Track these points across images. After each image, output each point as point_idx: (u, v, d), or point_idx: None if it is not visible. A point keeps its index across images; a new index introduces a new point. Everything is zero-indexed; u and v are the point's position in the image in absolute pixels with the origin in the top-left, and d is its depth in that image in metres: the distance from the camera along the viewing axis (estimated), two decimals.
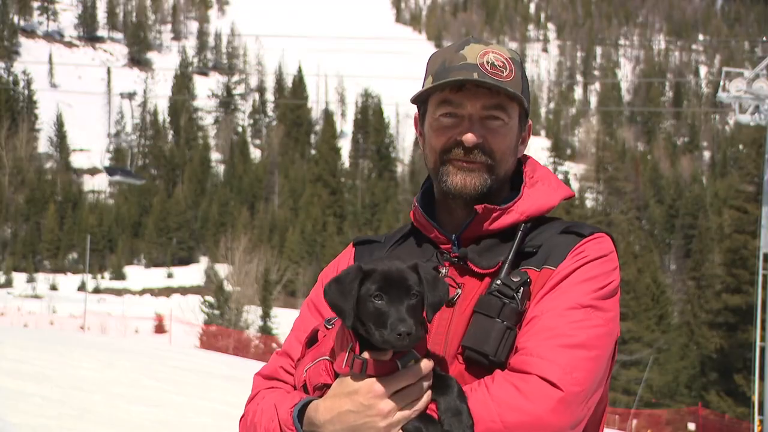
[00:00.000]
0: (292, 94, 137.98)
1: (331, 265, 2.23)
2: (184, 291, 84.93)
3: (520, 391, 1.81)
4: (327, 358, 1.86)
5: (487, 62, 2.00)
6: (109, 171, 34.73)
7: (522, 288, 1.92)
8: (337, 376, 1.83)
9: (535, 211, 2.05)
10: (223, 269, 59.32)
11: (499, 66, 2.00)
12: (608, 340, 1.93)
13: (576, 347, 1.85)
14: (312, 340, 2.02)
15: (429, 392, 1.81)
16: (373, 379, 1.77)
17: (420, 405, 1.80)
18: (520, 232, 2.00)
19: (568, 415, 1.81)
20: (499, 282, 1.93)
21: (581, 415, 1.85)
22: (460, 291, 1.98)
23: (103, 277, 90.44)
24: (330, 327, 1.97)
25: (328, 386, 1.85)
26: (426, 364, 1.80)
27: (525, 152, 2.16)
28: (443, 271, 2.01)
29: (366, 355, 1.78)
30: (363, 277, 1.77)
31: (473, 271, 1.99)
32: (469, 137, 1.99)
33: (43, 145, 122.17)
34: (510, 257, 1.96)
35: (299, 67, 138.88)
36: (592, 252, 1.98)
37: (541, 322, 1.89)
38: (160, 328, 51.88)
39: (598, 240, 2.02)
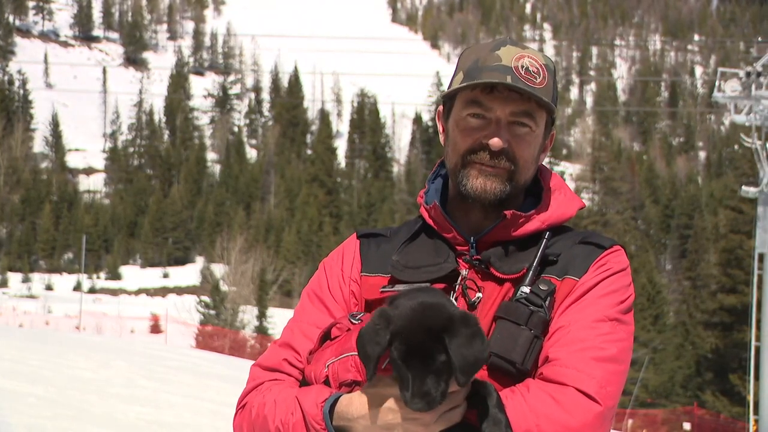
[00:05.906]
0: (288, 94, 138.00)
1: (333, 254, 2.17)
2: (179, 291, 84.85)
3: (558, 403, 1.79)
4: (355, 353, 1.78)
5: (522, 66, 1.95)
6: None
7: (548, 297, 1.91)
8: None
9: (556, 220, 2.03)
10: (219, 269, 59.29)
11: (533, 72, 1.96)
12: (631, 353, 1.95)
13: (608, 360, 1.86)
14: (325, 335, 1.96)
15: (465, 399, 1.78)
16: None
17: (459, 412, 1.76)
18: (544, 240, 1.99)
19: (603, 430, 1.82)
20: (527, 290, 1.90)
21: (609, 429, 1.86)
22: (480, 295, 1.96)
23: (98, 277, 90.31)
24: (356, 322, 1.91)
25: (356, 383, 1.80)
26: None
27: None
28: (463, 272, 1.98)
29: None
30: (390, 337, 1.70)
31: (494, 276, 1.97)
32: (495, 142, 1.95)
33: (39, 145, 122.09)
34: (534, 265, 1.95)
35: (295, 67, 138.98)
36: (614, 265, 1.99)
37: (571, 333, 1.87)
38: (155, 328, 51.82)
39: (617, 253, 2.03)
